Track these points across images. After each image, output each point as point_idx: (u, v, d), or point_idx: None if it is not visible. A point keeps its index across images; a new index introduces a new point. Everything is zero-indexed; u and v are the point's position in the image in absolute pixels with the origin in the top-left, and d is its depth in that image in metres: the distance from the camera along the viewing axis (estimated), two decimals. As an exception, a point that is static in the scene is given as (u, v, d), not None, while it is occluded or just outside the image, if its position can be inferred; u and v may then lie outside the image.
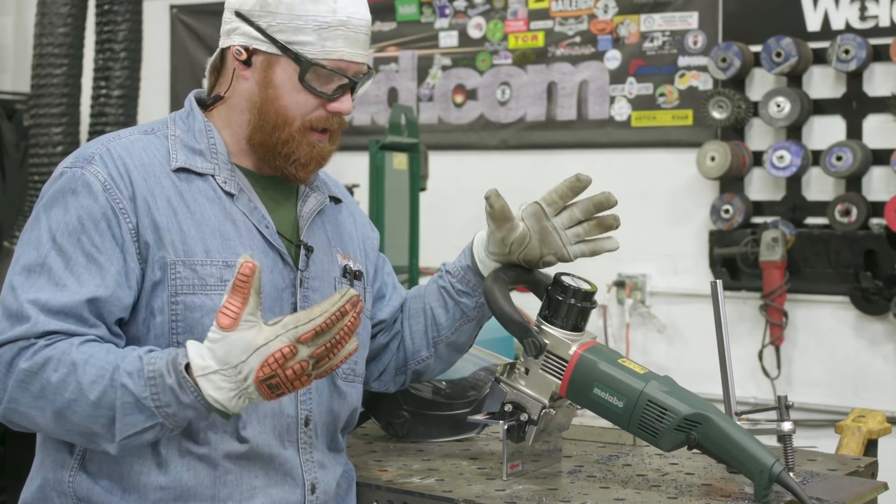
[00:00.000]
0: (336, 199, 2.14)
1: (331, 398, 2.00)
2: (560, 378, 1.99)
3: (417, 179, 5.26)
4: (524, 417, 2.02)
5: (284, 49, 1.90)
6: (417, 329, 2.18)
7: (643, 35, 5.68)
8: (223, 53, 1.99)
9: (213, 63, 2.01)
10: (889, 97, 5.04)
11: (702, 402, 1.92)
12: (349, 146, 6.23)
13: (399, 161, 5.16)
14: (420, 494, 1.98)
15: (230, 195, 1.94)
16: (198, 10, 6.88)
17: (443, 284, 2.16)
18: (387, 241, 4.80)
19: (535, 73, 5.95)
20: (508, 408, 2.03)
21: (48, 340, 1.75)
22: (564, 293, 2.00)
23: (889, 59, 5.01)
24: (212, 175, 1.94)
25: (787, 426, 2.00)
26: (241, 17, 1.93)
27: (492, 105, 6.06)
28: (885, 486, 2.10)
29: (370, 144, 5.04)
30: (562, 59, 5.88)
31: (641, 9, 5.69)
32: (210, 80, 2.03)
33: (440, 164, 5.87)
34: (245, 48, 1.93)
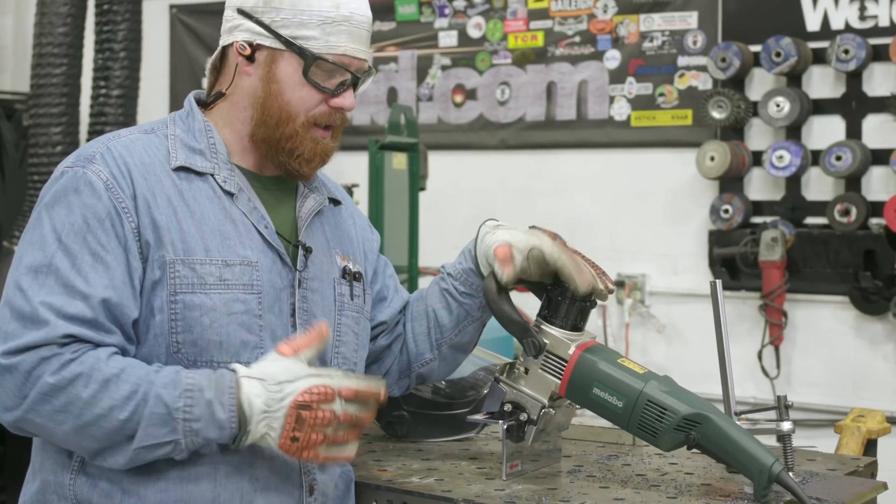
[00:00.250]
0: (335, 201, 2.13)
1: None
2: (559, 378, 1.99)
3: (417, 179, 5.26)
4: (524, 417, 2.02)
5: (289, 43, 1.91)
6: (420, 331, 2.18)
7: (643, 35, 5.68)
8: (224, 52, 2.00)
9: (214, 62, 2.01)
10: (888, 97, 5.04)
11: (701, 402, 1.92)
12: (349, 146, 6.22)
13: (398, 161, 5.15)
14: (419, 494, 1.97)
15: (230, 194, 1.94)
16: (197, 10, 6.88)
17: (445, 287, 2.15)
18: (386, 241, 4.79)
19: (535, 73, 5.95)
20: (508, 407, 2.03)
21: (73, 353, 1.75)
22: (564, 293, 2.00)
23: (888, 59, 5.01)
24: (211, 174, 1.93)
25: (787, 426, 2.00)
26: (244, 14, 1.94)
27: (491, 105, 6.06)
28: (885, 486, 2.10)
29: (370, 144, 5.04)
30: (561, 59, 5.87)
31: (641, 8, 5.69)
32: (210, 80, 2.03)
33: (439, 164, 5.87)
34: (249, 43, 1.93)
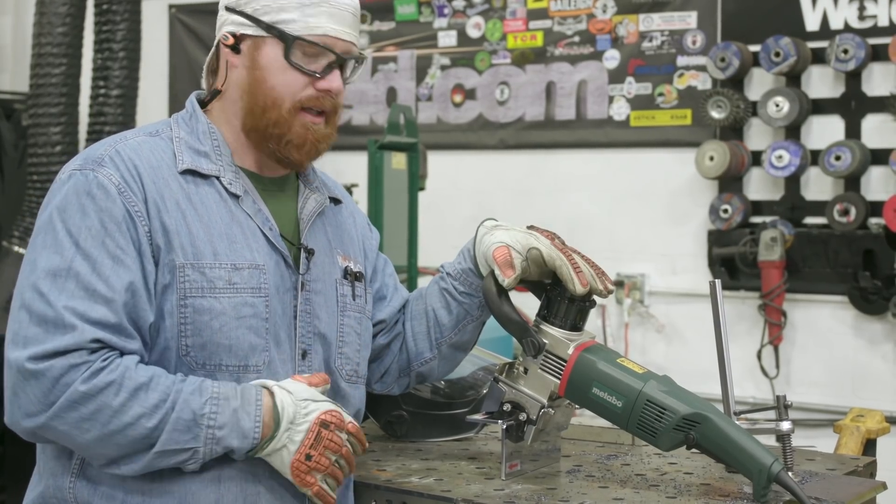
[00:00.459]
0: (336, 200, 2.14)
1: (334, 399, 1.99)
2: (559, 378, 1.99)
3: (416, 179, 5.26)
4: (523, 417, 2.01)
5: (269, 28, 1.92)
6: (420, 330, 2.18)
7: (642, 35, 5.68)
8: (217, 52, 2.01)
9: (210, 64, 2.03)
10: (888, 97, 5.04)
11: (700, 402, 1.92)
12: (348, 146, 6.25)
13: (398, 161, 5.15)
14: (419, 494, 1.98)
15: (235, 196, 1.94)
16: (196, 10, 6.88)
17: (444, 286, 2.15)
18: (385, 241, 4.79)
19: (534, 73, 5.94)
20: (507, 407, 2.03)
21: (104, 360, 1.75)
22: (563, 293, 2.00)
23: (888, 59, 5.01)
24: (217, 177, 1.94)
25: (786, 426, 2.00)
26: (230, 10, 1.97)
27: (490, 105, 6.06)
28: (884, 486, 2.10)
29: (369, 144, 5.03)
30: (560, 59, 5.87)
31: (640, 8, 5.69)
32: (207, 82, 2.04)
33: (439, 164, 5.87)
34: (233, 34, 1.95)
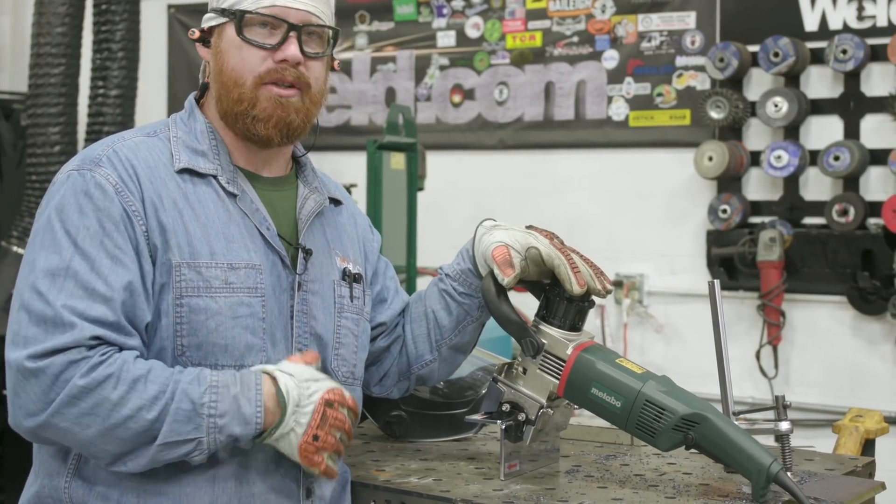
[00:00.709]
0: (336, 201, 2.13)
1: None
2: (558, 378, 1.98)
3: (415, 179, 5.26)
4: (522, 417, 2.01)
5: (224, 12, 1.96)
6: (420, 333, 2.17)
7: (641, 35, 5.68)
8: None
9: (203, 69, 2.05)
10: (887, 97, 5.04)
11: (699, 402, 1.92)
12: (346, 146, 6.26)
13: (397, 161, 5.16)
14: (417, 494, 1.97)
15: (233, 196, 1.94)
16: (195, 10, 6.87)
17: (443, 287, 2.15)
18: (385, 242, 4.77)
19: (533, 73, 5.95)
20: (506, 407, 2.03)
21: (102, 355, 1.74)
22: (562, 293, 2.00)
23: (887, 59, 5.01)
24: (214, 176, 1.94)
25: (785, 426, 2.00)
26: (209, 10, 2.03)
27: (489, 105, 6.06)
28: (883, 486, 2.10)
29: (368, 144, 5.03)
30: (559, 59, 5.87)
31: (639, 9, 5.69)
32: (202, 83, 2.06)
33: (438, 164, 5.87)
34: (199, 29, 2.01)
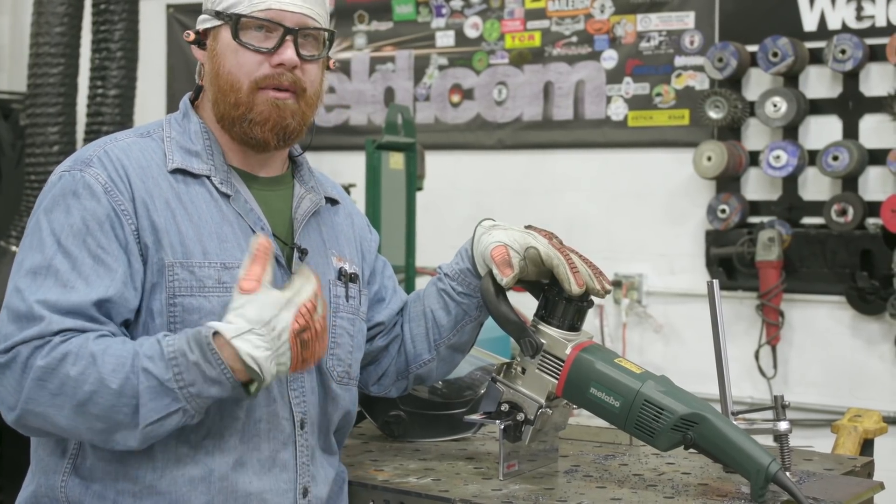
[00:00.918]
0: (332, 201, 2.13)
1: (325, 401, 2.00)
2: (557, 378, 1.99)
3: (414, 179, 5.26)
4: (521, 417, 2.01)
5: (219, 15, 1.94)
6: (418, 332, 2.17)
7: (640, 35, 5.68)
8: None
9: (199, 70, 2.04)
10: (885, 97, 5.04)
11: (698, 402, 1.92)
12: (345, 146, 6.26)
13: (395, 161, 5.16)
14: (416, 494, 1.97)
15: (226, 196, 1.93)
16: (194, 10, 6.83)
17: (442, 287, 2.15)
18: (383, 241, 4.78)
19: (532, 73, 5.95)
20: (505, 407, 2.03)
21: (63, 337, 1.75)
22: (560, 293, 2.00)
23: (885, 59, 5.01)
24: (207, 176, 1.94)
25: (784, 426, 2.00)
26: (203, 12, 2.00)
27: (488, 105, 6.06)
28: (882, 486, 2.10)
29: (366, 144, 5.03)
30: (558, 59, 5.87)
31: (638, 8, 5.69)
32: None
33: (437, 164, 5.87)
34: (195, 31, 1.98)
